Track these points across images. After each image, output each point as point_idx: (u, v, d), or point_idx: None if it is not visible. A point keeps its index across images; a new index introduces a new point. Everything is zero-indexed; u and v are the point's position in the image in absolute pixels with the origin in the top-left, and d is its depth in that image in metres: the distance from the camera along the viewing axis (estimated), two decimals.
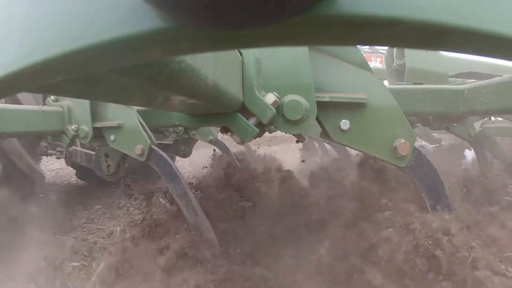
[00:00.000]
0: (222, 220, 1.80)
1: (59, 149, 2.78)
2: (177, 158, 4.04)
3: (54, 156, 2.97)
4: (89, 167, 2.59)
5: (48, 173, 4.83)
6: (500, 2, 0.27)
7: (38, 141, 2.60)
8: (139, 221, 1.85)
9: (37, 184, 2.49)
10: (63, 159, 3.16)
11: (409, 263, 1.05)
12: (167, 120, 2.06)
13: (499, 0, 0.27)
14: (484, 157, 2.73)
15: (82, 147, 2.88)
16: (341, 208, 1.45)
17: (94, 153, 2.45)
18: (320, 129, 1.17)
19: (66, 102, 1.88)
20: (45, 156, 3.05)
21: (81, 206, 3.31)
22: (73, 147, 2.71)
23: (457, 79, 3.10)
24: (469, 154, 3.75)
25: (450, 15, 0.26)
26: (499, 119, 3.76)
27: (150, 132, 1.84)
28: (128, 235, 1.77)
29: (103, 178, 2.51)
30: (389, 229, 1.14)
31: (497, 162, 2.81)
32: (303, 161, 3.73)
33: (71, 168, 3.77)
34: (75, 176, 4.03)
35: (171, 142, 3.36)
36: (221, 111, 1.07)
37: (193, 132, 3.21)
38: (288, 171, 2.15)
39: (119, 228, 2.36)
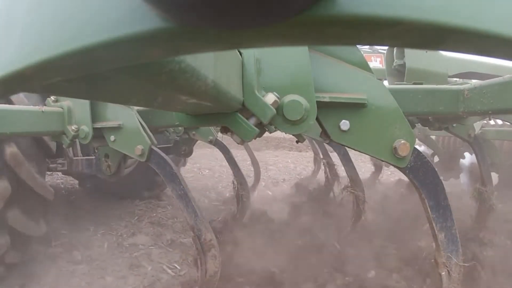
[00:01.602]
0: None
1: (60, 161, 2.78)
2: None
3: (56, 170, 2.94)
4: (90, 172, 2.60)
5: None
6: (500, 2, 0.27)
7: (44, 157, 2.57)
8: None
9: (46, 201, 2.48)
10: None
11: None
12: (167, 120, 2.06)
13: (499, 0, 0.27)
14: (485, 159, 2.73)
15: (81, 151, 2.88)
16: None
17: (93, 157, 2.46)
18: (320, 129, 1.17)
19: (66, 102, 1.88)
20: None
21: None
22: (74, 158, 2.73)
23: (457, 79, 3.10)
24: (467, 158, 3.75)
25: (450, 15, 0.26)
26: (499, 122, 3.77)
27: (150, 133, 1.85)
28: None
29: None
30: None
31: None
32: None
33: None
34: None
35: (171, 145, 3.37)
36: (221, 111, 1.07)
37: (193, 132, 3.22)
38: None
39: None
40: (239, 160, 3.54)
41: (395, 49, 3.12)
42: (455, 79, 3.10)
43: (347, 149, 2.11)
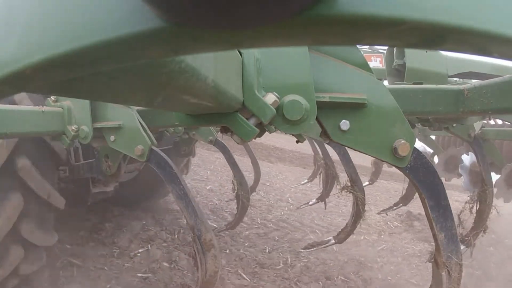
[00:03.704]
0: None
1: (62, 167, 2.79)
2: None
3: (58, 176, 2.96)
4: (91, 175, 2.61)
5: None
6: (500, 2, 0.27)
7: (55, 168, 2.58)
8: None
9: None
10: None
11: None
12: (167, 120, 2.06)
13: (499, 0, 0.27)
14: (484, 159, 2.73)
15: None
16: None
17: (93, 160, 2.46)
18: (320, 129, 1.17)
19: (66, 102, 1.88)
20: None
21: None
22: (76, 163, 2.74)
23: (457, 79, 3.10)
24: (466, 158, 3.75)
25: (450, 15, 0.26)
26: (499, 122, 3.78)
27: (150, 133, 1.84)
28: None
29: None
30: None
31: None
32: None
33: None
34: None
35: (171, 146, 3.37)
36: (221, 111, 1.07)
37: (193, 132, 3.22)
38: None
39: None
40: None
41: (395, 49, 3.12)
42: (455, 79, 3.10)
43: (347, 149, 2.12)
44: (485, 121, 3.45)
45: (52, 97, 1.92)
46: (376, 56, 5.18)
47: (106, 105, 1.88)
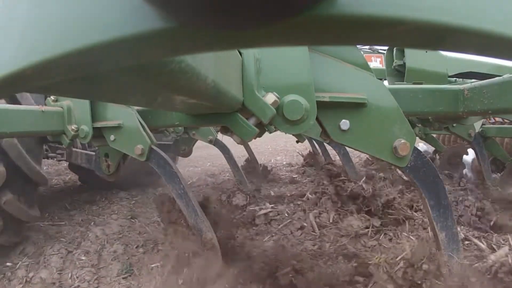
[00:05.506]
0: None
1: (60, 151, 2.79)
2: None
3: (55, 159, 2.97)
4: (89, 167, 2.61)
5: None
6: (500, 2, 0.27)
7: (40, 144, 2.60)
8: None
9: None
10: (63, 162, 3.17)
11: None
12: (167, 120, 2.06)
13: (499, 0, 0.27)
14: (485, 158, 2.73)
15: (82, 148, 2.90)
16: None
17: (94, 153, 2.46)
18: (320, 129, 1.17)
19: (66, 102, 1.88)
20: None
21: None
22: (74, 149, 2.74)
23: (457, 79, 3.10)
24: (467, 158, 3.75)
25: (451, 15, 0.26)
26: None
27: (150, 132, 1.84)
28: None
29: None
30: None
31: None
32: None
33: None
34: None
35: (171, 142, 3.37)
36: (221, 111, 1.07)
37: (193, 132, 3.22)
38: None
39: None
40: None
41: (395, 49, 3.12)
42: (455, 79, 3.09)
43: (348, 148, 2.12)
44: (485, 119, 3.45)
45: (52, 97, 1.92)
46: (376, 56, 5.18)
47: (106, 105, 1.88)
